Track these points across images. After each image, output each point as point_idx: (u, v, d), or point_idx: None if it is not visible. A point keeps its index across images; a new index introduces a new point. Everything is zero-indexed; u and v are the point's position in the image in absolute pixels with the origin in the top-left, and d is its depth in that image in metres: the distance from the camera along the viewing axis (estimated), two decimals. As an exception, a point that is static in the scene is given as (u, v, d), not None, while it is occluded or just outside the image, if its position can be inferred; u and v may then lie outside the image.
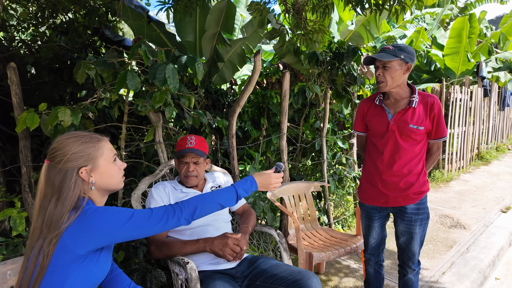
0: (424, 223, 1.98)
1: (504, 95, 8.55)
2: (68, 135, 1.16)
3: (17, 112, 1.80)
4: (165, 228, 1.17)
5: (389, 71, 1.82)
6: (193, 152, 1.83)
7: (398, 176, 1.91)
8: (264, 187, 1.40)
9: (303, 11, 3.34)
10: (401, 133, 1.87)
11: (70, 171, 1.10)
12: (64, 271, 1.06)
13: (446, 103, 5.93)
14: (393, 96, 1.92)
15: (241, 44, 4.14)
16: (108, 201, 2.41)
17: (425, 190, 1.96)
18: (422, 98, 1.88)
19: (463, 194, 5.10)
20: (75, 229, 1.05)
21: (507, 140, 9.85)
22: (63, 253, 1.05)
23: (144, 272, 2.12)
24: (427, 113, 1.86)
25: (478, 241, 3.46)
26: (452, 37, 7.89)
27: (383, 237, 2.14)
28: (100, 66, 1.99)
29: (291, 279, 1.60)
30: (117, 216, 1.10)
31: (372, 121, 1.99)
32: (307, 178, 3.84)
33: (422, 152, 1.94)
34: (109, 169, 1.19)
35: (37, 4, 3.32)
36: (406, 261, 2.06)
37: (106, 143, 1.21)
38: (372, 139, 2.01)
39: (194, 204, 1.23)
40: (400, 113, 1.88)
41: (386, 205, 1.99)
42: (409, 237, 1.98)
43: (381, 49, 1.88)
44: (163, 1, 3.22)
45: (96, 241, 1.07)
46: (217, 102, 3.59)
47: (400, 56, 1.79)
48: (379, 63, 1.84)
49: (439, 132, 1.90)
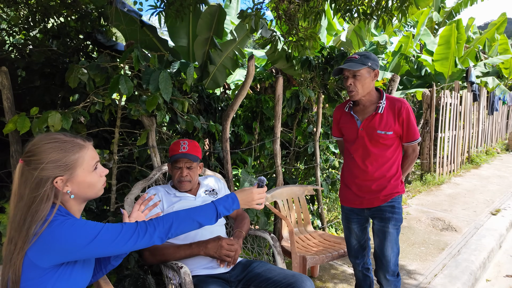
0: (398, 225, 1.98)
1: (493, 100, 8.72)
2: (49, 138, 1.07)
3: (8, 117, 1.78)
4: (135, 247, 1.09)
5: (359, 79, 1.85)
6: (186, 157, 1.83)
7: (371, 180, 1.95)
8: (247, 204, 1.32)
9: (295, 17, 3.38)
10: (370, 139, 1.91)
11: (44, 180, 1.03)
12: (35, 285, 1.00)
13: (437, 108, 6.02)
14: (362, 103, 1.96)
15: (233, 48, 4.16)
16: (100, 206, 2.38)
17: (400, 191, 1.98)
18: (390, 103, 1.90)
19: (454, 197, 5.16)
20: (38, 242, 0.98)
21: (496, 144, 10.02)
22: (28, 267, 0.99)
23: (136, 278, 2.10)
24: (396, 117, 1.88)
25: (469, 244, 3.50)
26: (441, 44, 8.07)
27: (366, 239, 2.15)
28: (93, 71, 1.98)
29: (285, 283, 1.60)
30: (83, 232, 1.01)
31: (344, 128, 2.05)
32: (300, 182, 3.85)
33: (395, 156, 1.95)
34: (88, 179, 1.11)
35: (28, 8, 3.30)
36: (381, 269, 2.02)
37: (88, 151, 1.13)
38: (346, 144, 2.08)
39: (169, 221, 1.15)
40: (367, 119, 1.91)
41: (361, 206, 2.03)
42: (382, 238, 1.98)
43: (347, 60, 1.91)
44: (154, 5, 3.22)
45: (58, 256, 1.00)
46: (209, 107, 3.59)
47: (368, 64, 1.83)
48: (349, 73, 1.87)
49: (410, 135, 1.91)
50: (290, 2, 3.29)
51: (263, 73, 4.30)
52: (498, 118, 10.13)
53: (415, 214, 4.38)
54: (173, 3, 3.09)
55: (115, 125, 2.23)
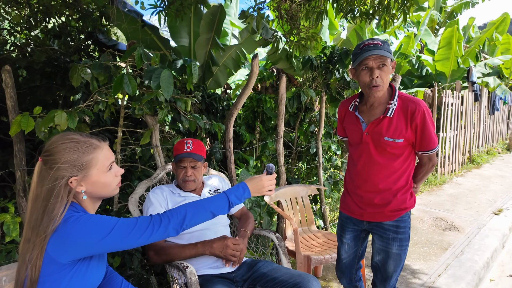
0: (405, 245, 1.69)
1: (494, 100, 8.72)
2: (65, 138, 1.09)
3: (12, 116, 1.76)
4: (150, 240, 1.09)
5: (386, 71, 1.52)
6: (191, 157, 1.81)
7: (373, 192, 1.66)
8: (258, 191, 1.31)
9: (297, 17, 3.37)
10: (376, 146, 1.61)
11: (59, 180, 1.05)
12: (53, 281, 1.02)
13: (438, 107, 6.01)
14: (370, 102, 1.64)
15: (236, 49, 4.15)
16: (102, 205, 2.37)
17: (408, 207, 1.67)
18: (403, 103, 1.58)
19: (456, 197, 5.15)
20: (55, 238, 1.01)
21: (497, 144, 10.02)
22: (47, 263, 1.01)
23: (139, 278, 2.09)
24: (408, 122, 1.55)
25: (472, 243, 3.49)
26: (442, 46, 8.10)
27: (357, 255, 1.88)
28: (96, 70, 1.97)
29: (291, 283, 1.59)
30: (98, 227, 1.03)
31: (348, 128, 1.76)
32: (302, 182, 3.84)
33: (405, 167, 1.64)
34: (102, 179, 1.12)
35: (29, 7, 3.29)
36: (380, 282, 1.80)
37: (103, 151, 1.14)
38: (349, 147, 1.80)
39: (183, 213, 1.15)
40: (374, 123, 1.60)
41: (362, 218, 1.75)
42: (385, 256, 1.72)
43: (368, 46, 1.52)
44: (154, 5, 3.21)
45: (76, 251, 1.02)
46: (210, 107, 3.58)
47: (391, 54, 1.52)
48: (375, 62, 1.51)
49: (424, 143, 1.58)
50: (292, 2, 3.28)
51: (264, 73, 4.29)
52: (499, 118, 10.13)
53: (418, 214, 4.36)
54: (173, 3, 3.08)
55: (118, 125, 2.22)
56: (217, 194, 1.27)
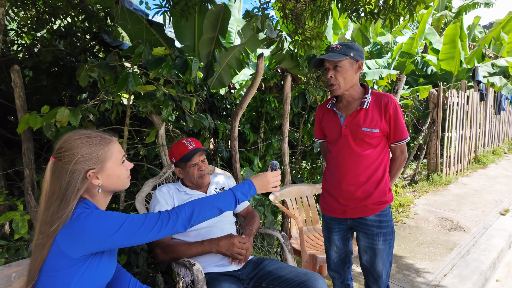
0: (389, 239, 1.78)
1: (500, 100, 8.65)
2: (77, 135, 1.12)
3: (20, 115, 1.78)
4: (159, 235, 1.12)
5: (341, 71, 1.68)
6: (198, 151, 1.84)
7: (355, 185, 1.75)
8: (263, 188, 1.33)
9: (302, 16, 3.37)
10: (354, 137, 1.73)
11: (77, 173, 1.07)
12: (65, 275, 1.04)
13: (444, 107, 5.98)
14: (345, 99, 1.80)
15: (239, 48, 4.16)
16: (109, 205, 2.39)
17: (388, 200, 1.78)
18: (376, 98, 1.74)
19: (462, 197, 5.12)
20: (67, 233, 1.03)
21: (503, 144, 9.94)
22: (59, 258, 1.03)
23: (146, 276, 2.11)
24: (382, 114, 1.70)
25: (478, 244, 3.47)
26: (446, 43, 8.03)
27: (347, 253, 1.96)
28: (103, 69, 1.98)
29: (297, 281, 1.59)
30: (108, 222, 1.06)
31: (326, 127, 1.87)
32: (306, 181, 3.84)
33: (382, 157, 1.76)
34: (117, 171, 1.16)
35: (35, 8, 3.32)
36: (371, 283, 1.88)
37: (115, 144, 1.17)
38: (328, 145, 1.89)
39: (190, 209, 1.17)
40: (351, 116, 1.74)
41: (344, 216, 1.82)
42: (372, 254, 1.79)
43: (328, 49, 1.73)
44: (159, 5, 3.23)
45: (87, 246, 1.04)
46: (213, 106, 3.59)
47: (350, 54, 1.66)
48: (329, 64, 1.70)
49: (398, 133, 1.73)
50: (296, 1, 3.28)
51: (268, 73, 4.29)
52: (505, 118, 10.05)
53: (423, 214, 4.34)
54: (178, 3, 3.09)
55: (124, 124, 2.23)
56: (223, 191, 1.28)
